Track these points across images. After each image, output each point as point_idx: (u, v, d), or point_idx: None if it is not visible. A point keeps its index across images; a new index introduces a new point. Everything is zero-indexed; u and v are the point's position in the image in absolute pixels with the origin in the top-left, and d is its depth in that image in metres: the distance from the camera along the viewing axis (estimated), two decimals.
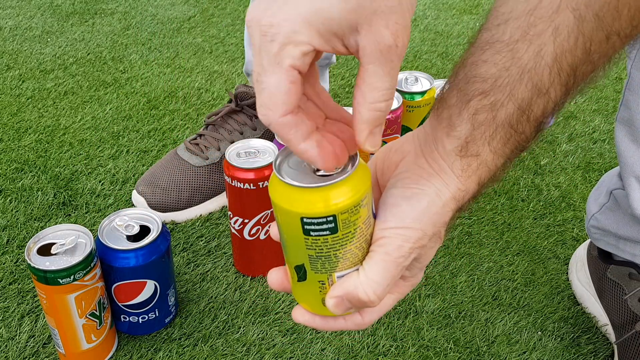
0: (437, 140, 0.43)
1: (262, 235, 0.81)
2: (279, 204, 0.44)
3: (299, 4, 0.36)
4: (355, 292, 0.42)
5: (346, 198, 0.43)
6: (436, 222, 0.43)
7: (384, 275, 0.42)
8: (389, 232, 0.43)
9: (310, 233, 0.44)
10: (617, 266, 0.76)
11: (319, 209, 0.43)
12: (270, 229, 0.50)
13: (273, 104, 0.37)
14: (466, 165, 0.42)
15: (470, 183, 0.43)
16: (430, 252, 0.45)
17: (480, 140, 0.41)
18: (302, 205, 0.43)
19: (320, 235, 0.45)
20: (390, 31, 0.37)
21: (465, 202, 0.44)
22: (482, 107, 0.40)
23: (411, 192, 0.44)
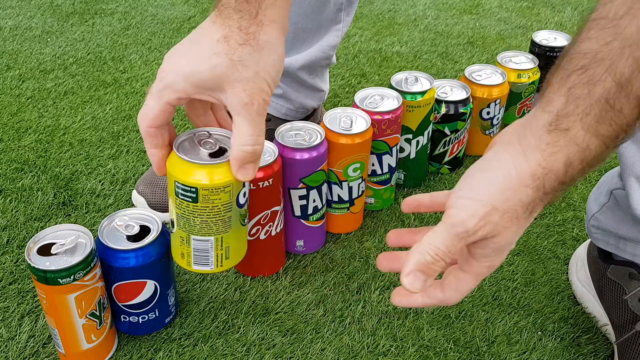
0: (532, 119, 0.43)
1: (262, 235, 0.81)
2: (167, 168, 0.60)
3: (183, 64, 0.53)
4: (421, 259, 0.45)
5: (208, 180, 0.58)
6: (509, 197, 0.43)
7: (443, 243, 0.45)
8: (458, 202, 0.45)
9: (178, 195, 0.60)
10: (617, 266, 0.76)
11: (186, 178, 0.59)
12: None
13: (144, 118, 0.55)
14: (553, 140, 0.41)
15: (555, 161, 0.42)
16: (506, 233, 0.44)
17: (572, 115, 0.41)
18: (178, 173, 0.59)
19: (184, 200, 0.60)
20: (246, 93, 0.52)
21: (550, 185, 0.43)
22: (580, 81, 0.40)
23: (489, 165, 0.45)
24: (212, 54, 0.52)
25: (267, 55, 0.53)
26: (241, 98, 0.53)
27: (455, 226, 0.44)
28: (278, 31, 0.55)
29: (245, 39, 0.52)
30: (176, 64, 0.54)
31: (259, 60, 0.53)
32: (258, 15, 0.53)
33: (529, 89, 1.10)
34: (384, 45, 1.51)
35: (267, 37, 0.53)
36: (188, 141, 0.61)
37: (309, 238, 0.88)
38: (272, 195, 0.79)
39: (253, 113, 0.53)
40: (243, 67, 0.52)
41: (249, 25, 0.52)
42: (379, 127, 0.87)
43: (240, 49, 0.52)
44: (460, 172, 1.07)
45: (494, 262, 0.47)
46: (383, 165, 0.92)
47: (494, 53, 1.48)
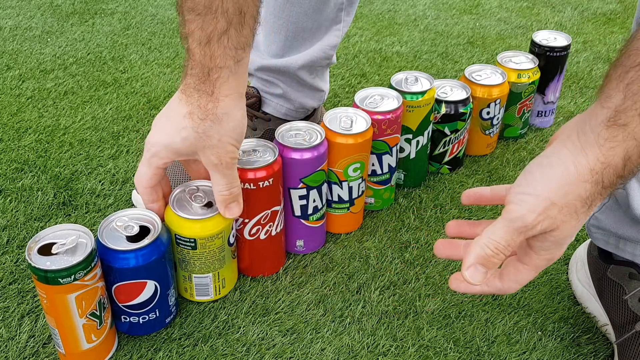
0: (591, 115, 0.44)
1: (262, 235, 0.81)
2: (167, 223, 0.74)
3: (162, 136, 0.67)
4: (482, 252, 0.47)
5: (204, 231, 0.73)
6: (568, 192, 0.43)
7: (503, 237, 0.47)
8: (517, 198, 0.46)
9: (179, 244, 0.74)
10: (617, 266, 0.76)
11: (185, 232, 0.73)
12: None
13: (139, 182, 0.71)
14: (611, 135, 0.42)
15: (613, 156, 0.42)
16: (565, 227, 0.45)
17: (630, 111, 0.41)
18: (177, 227, 0.73)
19: (184, 248, 0.74)
20: (215, 156, 0.66)
21: (609, 179, 0.43)
22: (638, 77, 0.40)
23: (548, 161, 0.45)
24: (181, 128, 0.65)
25: (226, 123, 0.65)
26: (211, 160, 0.67)
27: (515, 221, 0.46)
28: (234, 101, 0.65)
29: (205, 115, 0.64)
30: (157, 136, 0.68)
31: (220, 129, 0.65)
32: (214, 94, 0.63)
33: (529, 89, 1.10)
34: (384, 45, 1.51)
35: (224, 109, 0.64)
36: (181, 196, 0.75)
37: (309, 238, 0.88)
38: (272, 195, 0.79)
39: (223, 169, 0.68)
40: (207, 137, 0.65)
41: (207, 103, 0.63)
42: (379, 127, 0.87)
43: (202, 123, 0.64)
44: (460, 172, 1.07)
45: (553, 254, 0.49)
46: (383, 165, 0.92)
47: (494, 53, 1.48)
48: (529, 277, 0.51)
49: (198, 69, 0.62)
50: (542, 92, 1.16)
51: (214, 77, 0.63)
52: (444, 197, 1.01)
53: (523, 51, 1.14)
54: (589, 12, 1.73)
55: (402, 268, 0.87)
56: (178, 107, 0.65)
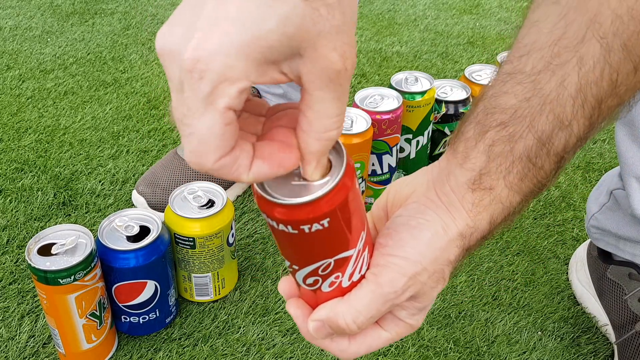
0: (450, 173, 0.41)
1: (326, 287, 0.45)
2: (166, 221, 0.74)
3: (231, 31, 0.30)
4: (335, 319, 0.40)
5: (202, 230, 0.73)
6: (438, 257, 0.40)
7: (368, 307, 0.40)
8: (386, 260, 0.40)
9: (178, 244, 0.74)
10: (617, 266, 0.76)
11: (183, 231, 0.73)
12: None
13: (205, 151, 0.32)
14: (478, 199, 0.40)
15: (481, 220, 0.40)
16: (430, 293, 0.41)
17: (495, 174, 0.39)
18: (176, 226, 0.73)
19: (184, 247, 0.74)
20: (338, 53, 0.32)
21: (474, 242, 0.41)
22: (500, 138, 0.38)
23: (416, 222, 0.41)
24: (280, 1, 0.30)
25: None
26: (331, 63, 0.32)
27: (383, 286, 0.39)
28: None
29: None
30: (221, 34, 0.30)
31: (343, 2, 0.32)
32: None
33: None
34: (384, 45, 1.51)
35: None
36: (181, 197, 0.75)
37: None
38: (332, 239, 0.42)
39: (344, 82, 0.34)
40: (328, 11, 0.31)
41: None
42: (379, 127, 0.87)
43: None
44: None
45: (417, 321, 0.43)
46: (383, 165, 0.92)
47: (494, 53, 1.48)
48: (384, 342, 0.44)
49: None
50: None
51: None
52: None
53: None
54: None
55: None
56: None
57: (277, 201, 0.35)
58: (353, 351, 0.43)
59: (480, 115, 0.39)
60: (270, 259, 0.88)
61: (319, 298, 0.45)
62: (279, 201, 0.35)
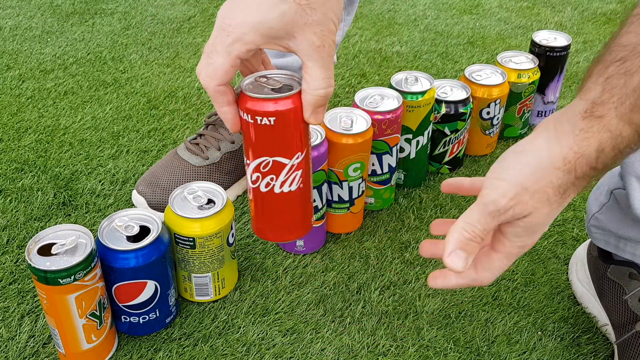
0: (570, 107, 0.45)
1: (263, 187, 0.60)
2: (166, 222, 0.74)
3: (250, 14, 0.51)
4: (459, 237, 0.49)
5: (202, 230, 0.72)
6: (539, 178, 0.45)
7: (479, 221, 0.48)
8: (490, 182, 0.48)
9: (178, 244, 0.74)
10: (617, 266, 0.76)
11: (183, 231, 0.73)
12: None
13: (214, 76, 0.52)
14: (587, 126, 0.44)
15: (587, 147, 0.44)
16: (537, 213, 0.47)
17: (607, 104, 0.43)
18: (176, 226, 0.73)
19: (184, 247, 0.74)
20: (317, 36, 0.51)
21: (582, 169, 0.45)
22: (617, 72, 0.42)
23: (522, 147, 0.47)
24: (279, 1, 0.51)
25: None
26: (313, 42, 0.52)
27: (488, 205, 0.47)
28: None
29: None
30: (242, 15, 0.51)
31: (325, 1, 0.52)
32: None
33: (529, 89, 1.10)
34: (384, 45, 1.51)
35: None
36: (180, 197, 0.75)
37: (309, 238, 0.88)
38: (274, 139, 0.57)
39: (325, 55, 0.52)
40: (311, 10, 0.51)
41: None
42: (379, 127, 0.87)
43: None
44: (460, 172, 1.07)
45: (525, 242, 0.50)
46: (383, 165, 0.92)
47: (494, 53, 1.48)
48: (502, 265, 0.52)
49: None
50: (542, 92, 1.16)
51: None
52: (444, 197, 1.01)
53: (523, 51, 1.14)
54: (589, 12, 1.73)
55: (402, 268, 0.87)
56: None
57: (247, 93, 0.54)
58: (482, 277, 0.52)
59: (604, 53, 0.44)
60: (270, 259, 0.88)
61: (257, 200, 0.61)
62: (247, 93, 0.54)
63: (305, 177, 0.62)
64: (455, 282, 0.53)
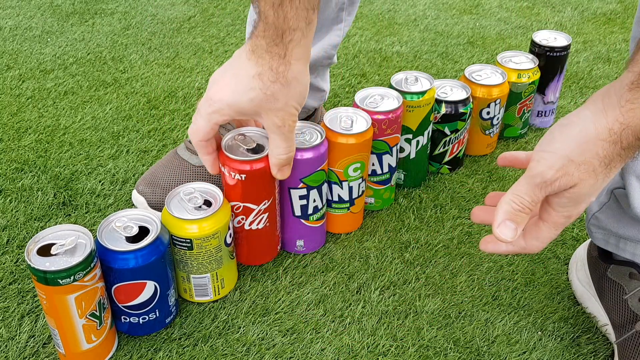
0: (618, 80, 0.46)
1: (235, 223, 0.81)
2: (163, 223, 0.73)
3: (227, 94, 0.67)
4: (508, 208, 0.51)
5: (199, 231, 0.73)
6: (585, 150, 0.46)
7: (526, 192, 0.50)
8: (538, 155, 0.50)
9: (176, 245, 0.75)
10: (618, 266, 0.76)
11: (180, 232, 0.73)
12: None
13: (196, 134, 0.72)
14: (633, 97, 0.44)
15: (633, 117, 0.44)
16: (583, 184, 0.48)
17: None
18: (173, 228, 0.73)
19: (181, 249, 0.75)
20: (279, 118, 0.67)
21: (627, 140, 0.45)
22: None
23: (568, 121, 0.48)
24: (249, 88, 0.65)
25: (294, 87, 0.65)
26: (274, 122, 0.67)
27: (535, 177, 0.49)
28: (303, 65, 0.65)
29: (275, 77, 0.64)
30: (222, 93, 0.67)
31: (288, 93, 0.65)
32: (286, 56, 0.63)
33: (529, 89, 1.10)
34: (384, 45, 1.51)
35: (294, 73, 0.64)
36: (177, 198, 0.76)
37: (309, 238, 0.88)
38: (244, 190, 0.77)
39: (285, 132, 0.68)
40: (275, 100, 0.65)
41: (279, 66, 0.63)
42: (379, 127, 0.87)
43: (272, 86, 0.64)
44: (461, 172, 1.07)
45: (571, 212, 0.52)
46: (383, 165, 0.92)
47: (494, 53, 1.48)
48: (549, 234, 0.54)
49: (271, 31, 0.62)
50: (542, 92, 1.16)
51: (287, 39, 0.62)
52: (444, 197, 1.01)
53: (523, 51, 1.14)
54: (589, 12, 1.73)
55: (402, 268, 0.87)
56: (247, 66, 0.65)
57: (225, 153, 0.75)
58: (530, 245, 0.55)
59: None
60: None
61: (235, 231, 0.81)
62: (225, 153, 0.75)
63: (271, 218, 0.81)
64: (505, 248, 0.56)
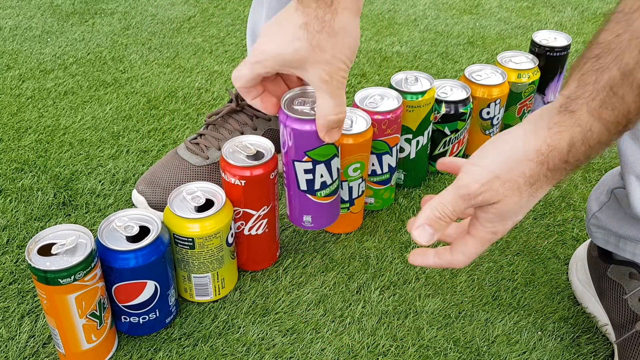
0: (552, 102, 0.47)
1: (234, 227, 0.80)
2: (165, 222, 0.74)
3: (272, 46, 0.63)
4: (429, 214, 0.52)
5: (201, 230, 0.73)
6: (512, 168, 0.48)
7: (451, 201, 0.51)
8: (467, 167, 0.51)
9: (177, 244, 0.74)
10: (618, 266, 0.76)
11: (182, 231, 0.73)
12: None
13: (238, 80, 0.67)
14: (561, 120, 0.46)
15: (559, 140, 0.46)
16: (507, 201, 0.49)
17: (580, 99, 0.45)
18: (175, 227, 0.73)
19: (183, 248, 0.74)
20: (325, 72, 0.62)
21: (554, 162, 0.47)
22: (591, 68, 0.44)
23: (501, 138, 0.50)
24: (295, 38, 0.61)
25: (342, 39, 0.62)
26: (321, 76, 0.62)
27: (461, 188, 0.50)
28: (352, 16, 0.62)
29: (322, 27, 0.60)
30: (266, 45, 0.64)
31: (335, 45, 0.61)
32: (333, 4, 0.60)
33: (529, 89, 1.10)
34: (384, 45, 1.51)
35: (342, 23, 0.61)
36: (179, 197, 0.76)
37: (317, 214, 0.81)
38: (245, 196, 0.78)
39: (333, 88, 0.63)
40: (321, 51, 0.61)
41: (325, 14, 0.60)
42: (379, 127, 0.87)
43: (318, 36, 0.60)
44: None
45: (497, 228, 0.53)
46: (383, 165, 0.92)
47: (494, 53, 1.48)
48: (475, 250, 0.55)
49: None
50: (542, 92, 1.16)
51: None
52: None
53: (523, 51, 1.14)
54: (589, 12, 1.73)
55: (402, 268, 0.87)
56: (293, 16, 0.62)
57: (225, 159, 0.76)
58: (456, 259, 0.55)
59: (585, 51, 0.46)
60: None
61: (237, 237, 0.81)
62: (226, 159, 0.75)
63: (271, 224, 0.82)
64: (432, 261, 0.57)
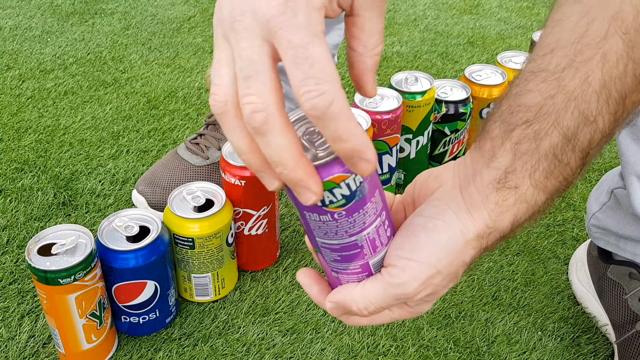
0: (476, 173, 0.41)
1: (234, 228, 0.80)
2: (165, 222, 0.74)
3: None
4: (349, 304, 0.43)
5: (201, 230, 0.73)
6: (454, 260, 0.41)
7: (380, 300, 0.42)
8: (401, 262, 0.42)
9: (177, 244, 0.74)
10: (618, 266, 0.76)
11: (183, 231, 0.73)
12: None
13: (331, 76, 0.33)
14: (502, 199, 0.40)
15: (503, 221, 0.40)
16: (442, 290, 0.43)
17: (521, 172, 0.39)
18: (175, 227, 0.73)
19: (183, 248, 0.74)
20: None
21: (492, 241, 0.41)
22: (526, 136, 0.38)
23: (434, 224, 0.41)
24: None
25: None
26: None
27: (396, 287, 0.42)
28: None
29: None
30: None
31: None
32: None
33: None
34: (384, 45, 1.51)
35: None
36: (180, 198, 0.76)
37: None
38: (244, 196, 0.78)
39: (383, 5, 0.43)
40: None
41: None
42: (379, 127, 0.87)
43: None
44: None
45: (422, 310, 0.45)
46: (383, 165, 0.92)
47: (494, 53, 1.48)
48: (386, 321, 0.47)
49: None
50: None
51: None
52: None
53: (523, 51, 1.14)
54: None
55: None
56: None
57: (226, 159, 0.76)
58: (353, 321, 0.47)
59: (505, 113, 0.39)
60: None
61: (237, 237, 0.81)
62: (226, 159, 0.76)
63: (271, 224, 0.81)
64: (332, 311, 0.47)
